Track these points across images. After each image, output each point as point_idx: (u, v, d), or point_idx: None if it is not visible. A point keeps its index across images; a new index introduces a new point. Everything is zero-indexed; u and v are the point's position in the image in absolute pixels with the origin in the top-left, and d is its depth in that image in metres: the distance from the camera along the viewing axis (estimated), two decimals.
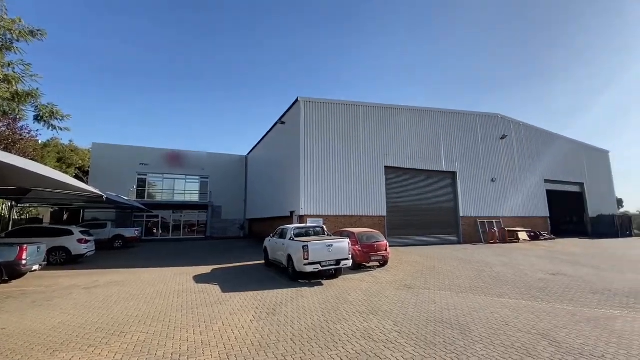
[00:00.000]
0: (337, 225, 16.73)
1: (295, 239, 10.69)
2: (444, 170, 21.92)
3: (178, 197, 31.11)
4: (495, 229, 22.04)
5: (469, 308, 6.95)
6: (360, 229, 13.34)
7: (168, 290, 8.78)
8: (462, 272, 11.18)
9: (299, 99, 17.82)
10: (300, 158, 17.17)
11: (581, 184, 29.93)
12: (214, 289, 8.97)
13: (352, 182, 18.40)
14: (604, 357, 4.53)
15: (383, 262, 12.34)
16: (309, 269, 9.43)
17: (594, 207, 30.15)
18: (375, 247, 12.03)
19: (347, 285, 9.31)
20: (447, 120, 22.88)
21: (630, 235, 30.58)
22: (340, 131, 18.66)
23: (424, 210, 20.78)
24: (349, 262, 10.11)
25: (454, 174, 22.28)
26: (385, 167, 19.67)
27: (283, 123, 20.39)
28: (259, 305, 7.30)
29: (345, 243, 10.11)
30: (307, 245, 9.48)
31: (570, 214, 31.53)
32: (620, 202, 64.78)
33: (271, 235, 12.96)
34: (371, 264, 12.24)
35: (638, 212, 73.25)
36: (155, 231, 29.66)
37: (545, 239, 23.57)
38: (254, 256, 15.56)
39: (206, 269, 12.31)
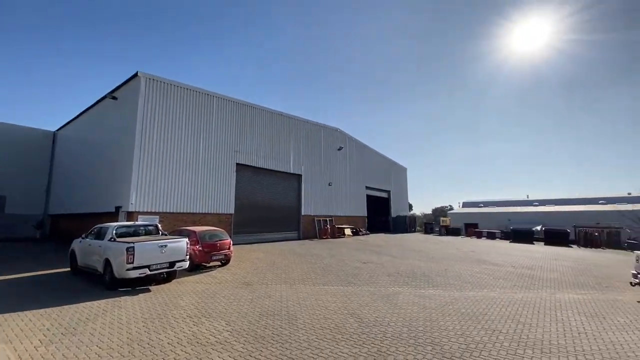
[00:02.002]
0: (176, 224, 15.16)
1: (118, 239, 8.97)
2: (292, 172, 23.57)
3: None
4: (328, 226, 25.41)
5: (298, 298, 7.66)
6: (202, 228, 12.55)
7: None
8: (298, 265, 12.27)
9: (138, 74, 15.17)
10: (135, 144, 14.64)
11: (388, 192, 38.55)
12: None
13: (199, 177, 17.15)
14: (389, 324, 5.89)
15: (225, 261, 12.03)
16: (134, 274, 8.09)
17: (395, 210, 39.47)
18: (217, 246, 11.58)
19: (180, 289, 8.53)
20: (298, 126, 24.77)
21: (414, 231, 41.51)
22: (189, 120, 17.07)
23: (271, 209, 21.66)
24: (186, 264, 9.31)
25: (299, 176, 24.27)
26: (237, 164, 19.37)
27: (114, 98, 16.85)
28: (54, 325, 5.68)
29: (182, 243, 9.25)
30: (132, 247, 8.10)
31: (381, 214, 40.01)
32: (410, 206, 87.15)
33: (83, 235, 10.41)
34: (212, 263, 11.71)
35: (420, 214, 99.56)
36: None
37: (363, 235, 28.99)
38: (58, 263, 12.09)
39: None
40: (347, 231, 26.87)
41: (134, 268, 8.09)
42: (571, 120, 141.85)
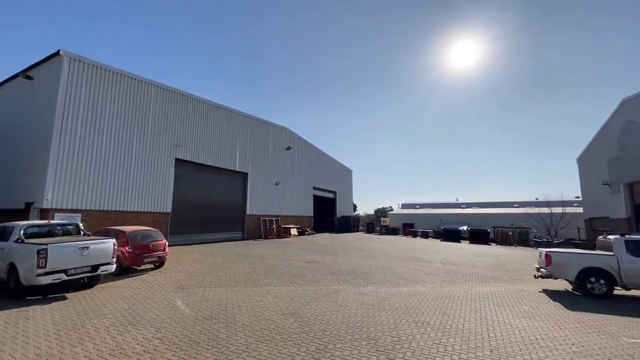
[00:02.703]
0: (104, 223, 13.68)
1: (27, 240, 7.79)
2: (237, 170, 22.84)
3: None
4: (274, 226, 25.14)
5: (239, 300, 7.44)
6: (133, 227, 11.51)
7: None
8: (240, 266, 11.92)
9: (60, 52, 13.37)
10: (54, 131, 12.90)
11: (335, 192, 39.49)
12: None
13: (132, 171, 15.72)
14: (329, 322, 6.02)
15: (159, 264, 11.18)
16: (46, 280, 7.10)
17: (340, 210, 40.59)
18: (150, 248, 10.72)
19: (104, 295, 7.71)
20: (245, 123, 24.08)
21: (358, 231, 43.04)
22: (121, 108, 15.55)
23: (213, 208, 20.72)
24: (112, 267, 8.43)
25: (245, 174, 23.63)
26: (177, 159, 18.17)
27: (29, 78, 14.63)
28: None
29: (108, 244, 8.37)
30: (45, 249, 7.10)
31: (327, 214, 40.80)
32: (355, 207, 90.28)
33: None
34: (144, 266, 10.80)
35: (363, 215, 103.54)
36: None
37: (309, 234, 29.26)
38: None
39: None
40: (294, 231, 26.88)
41: (47, 273, 7.09)
42: (496, 132, 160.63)
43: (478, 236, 30.27)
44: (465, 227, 36.16)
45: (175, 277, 9.92)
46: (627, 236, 9.17)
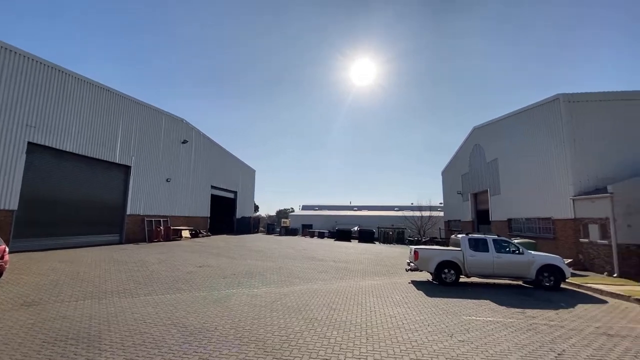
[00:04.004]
0: None
1: None
2: (118, 162, 19.70)
3: None
4: (162, 227, 22.60)
5: (108, 314, 6.38)
6: None
7: None
8: (114, 275, 10.26)
9: None
10: None
11: (235, 192, 38.10)
12: None
13: None
14: (216, 329, 5.72)
15: None
16: None
17: (241, 210, 39.36)
18: None
19: None
20: (132, 109, 20.99)
21: (257, 232, 42.49)
22: None
23: (82, 206, 17.34)
24: None
25: (128, 167, 20.57)
26: (30, 143, 14.53)
27: None
28: None
29: None
30: None
31: (226, 215, 39.02)
32: (257, 208, 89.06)
33: None
34: None
35: (265, 215, 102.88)
36: None
37: (204, 236, 27.39)
38: None
39: None
40: (185, 233, 24.72)
41: None
42: (387, 142, 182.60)
43: (365, 236, 33.70)
44: (356, 228, 39.79)
45: (18, 291, 7.85)
46: (470, 235, 11.65)
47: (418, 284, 10.83)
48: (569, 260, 13.30)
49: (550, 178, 17.49)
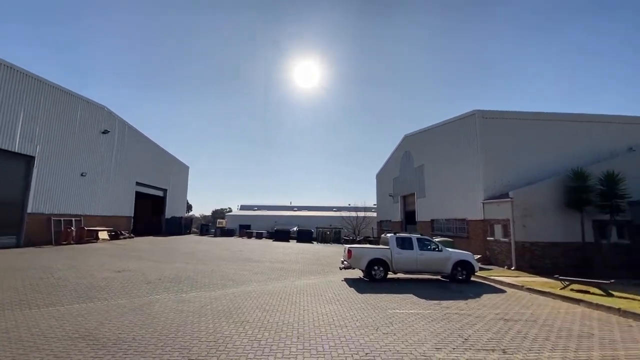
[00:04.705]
0: None
1: None
2: (17, 151, 16.76)
3: None
4: (73, 228, 19.85)
5: None
6: None
7: None
8: (7, 282, 8.69)
9: None
10: None
11: (165, 190, 35.27)
12: None
13: None
14: (134, 339, 5.22)
15: None
16: None
17: (172, 210, 36.56)
18: None
19: None
20: (40, 91, 18.05)
21: (190, 233, 39.95)
22: None
23: None
24: None
25: (30, 158, 17.64)
26: None
27: None
28: None
29: None
30: None
31: (153, 214, 35.84)
32: (190, 207, 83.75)
33: None
34: None
35: (199, 215, 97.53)
36: None
37: (126, 238, 24.78)
38: None
39: None
40: (103, 234, 22.09)
41: None
42: (328, 143, 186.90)
43: (304, 236, 34.05)
44: (295, 228, 39.95)
45: None
46: (397, 234, 12.56)
47: (350, 282, 11.31)
48: (478, 256, 15.21)
49: (466, 183, 19.79)
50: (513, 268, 15.33)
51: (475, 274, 12.40)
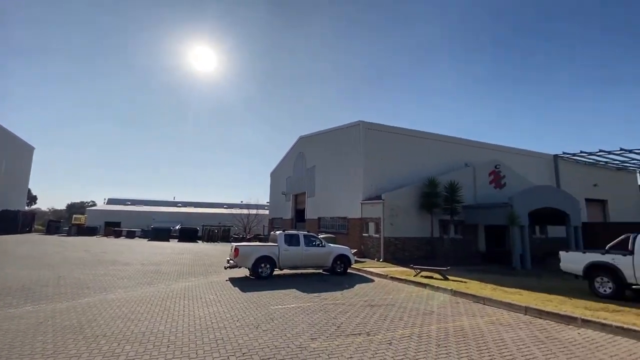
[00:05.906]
0: None
1: None
2: None
3: None
4: None
5: None
6: None
7: None
8: None
9: None
10: None
11: None
12: None
13: None
14: None
15: None
16: None
17: (3, 202, 28.10)
18: None
19: None
20: None
21: (31, 231, 31.68)
22: None
23: None
24: None
25: None
26: None
27: None
28: None
29: None
30: None
31: None
32: (34, 199, 66.29)
33: None
34: None
35: (48, 209, 78.72)
36: None
37: None
38: None
39: None
40: None
41: None
42: (223, 136, 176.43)
43: (187, 234, 31.36)
44: (177, 226, 36.37)
45: None
46: (285, 231, 12.87)
47: (235, 281, 10.97)
48: (355, 250, 16.99)
49: (349, 185, 21.86)
50: (381, 260, 17.73)
51: (352, 266, 13.80)
